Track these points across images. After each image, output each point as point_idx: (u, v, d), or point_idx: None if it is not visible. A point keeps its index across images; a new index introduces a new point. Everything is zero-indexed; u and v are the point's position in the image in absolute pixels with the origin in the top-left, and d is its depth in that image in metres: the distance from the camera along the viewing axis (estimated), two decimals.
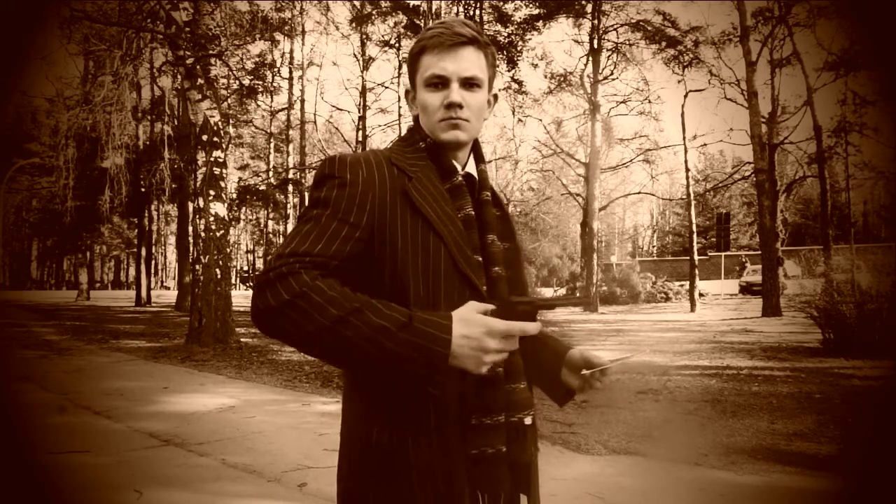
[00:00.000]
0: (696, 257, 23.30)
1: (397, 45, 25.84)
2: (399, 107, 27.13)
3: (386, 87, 28.74)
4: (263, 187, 32.30)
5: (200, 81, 11.60)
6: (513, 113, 25.31)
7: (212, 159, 11.51)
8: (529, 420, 1.17)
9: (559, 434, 4.88)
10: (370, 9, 24.28)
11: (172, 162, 23.41)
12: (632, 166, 27.47)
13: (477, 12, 22.05)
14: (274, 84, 30.33)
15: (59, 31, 15.24)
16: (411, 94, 1.26)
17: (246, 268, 59.66)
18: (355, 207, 1.10)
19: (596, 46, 22.72)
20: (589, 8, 22.77)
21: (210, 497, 3.66)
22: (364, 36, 26.54)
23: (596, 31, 22.66)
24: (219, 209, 11.49)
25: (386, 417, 1.09)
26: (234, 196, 30.91)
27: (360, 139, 28.35)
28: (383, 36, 25.97)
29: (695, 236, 23.54)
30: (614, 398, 6.21)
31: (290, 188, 31.23)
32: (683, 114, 23.00)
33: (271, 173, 34.37)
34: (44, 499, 3.65)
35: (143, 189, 27.37)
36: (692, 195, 23.84)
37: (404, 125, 24.57)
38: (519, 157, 29.52)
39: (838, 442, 4.66)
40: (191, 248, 13.77)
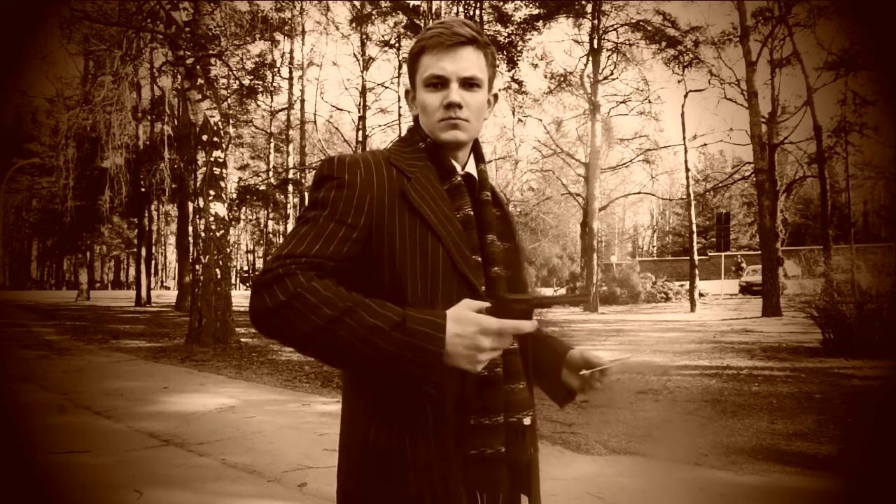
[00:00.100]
0: (696, 257, 23.30)
1: (397, 45, 25.83)
2: (399, 107, 27.12)
3: (386, 87, 28.75)
4: (263, 187, 32.29)
5: (200, 81, 11.61)
6: (513, 113, 25.31)
7: (212, 159, 11.52)
8: (529, 420, 1.17)
9: (559, 434, 4.88)
10: (370, 9, 24.27)
11: (172, 162, 23.41)
12: (632, 166, 27.49)
13: (477, 12, 22.03)
14: (274, 84, 30.34)
15: (59, 31, 15.24)
16: (411, 95, 1.25)
17: (246, 268, 59.69)
18: (353, 208, 1.10)
19: (596, 46, 22.70)
20: (589, 8, 22.75)
21: (210, 497, 3.66)
22: (364, 36, 26.53)
23: (596, 31, 22.65)
24: (219, 209, 11.50)
25: (383, 417, 1.09)
26: (234, 196, 30.90)
27: (360, 139, 28.34)
28: (383, 36, 25.99)
29: (695, 236, 23.54)
30: (614, 398, 6.21)
31: (290, 188, 31.21)
32: (683, 114, 23.03)
33: (271, 173, 34.36)
34: (44, 499, 3.65)
35: (143, 189, 27.38)
36: (692, 195, 23.84)
37: (404, 125, 24.56)
38: (519, 157, 29.53)
39: (838, 442, 4.66)
40: (191, 248, 13.77)
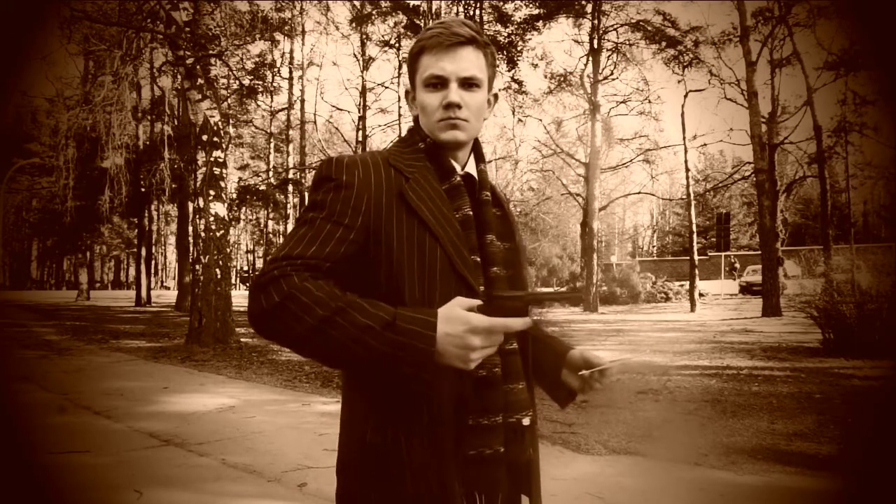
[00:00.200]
0: (696, 257, 23.30)
1: (397, 45, 25.82)
2: (399, 107, 27.12)
3: (386, 87, 28.74)
4: (263, 187, 32.28)
5: (200, 81, 11.61)
6: (513, 113, 25.29)
7: (212, 159, 11.52)
8: (528, 421, 1.17)
9: (559, 434, 4.88)
10: (370, 9, 24.26)
11: (172, 162, 23.42)
12: (632, 166, 27.47)
13: (477, 12, 22.03)
14: (274, 84, 30.34)
15: (59, 31, 15.25)
16: (411, 95, 1.25)
17: (246, 268, 59.68)
18: (350, 209, 1.10)
19: (596, 46, 22.70)
20: (589, 8, 22.74)
21: (210, 497, 3.66)
22: (364, 36, 26.53)
23: (596, 31, 22.64)
24: (219, 209, 11.50)
25: (381, 417, 1.09)
26: (234, 196, 30.89)
27: (360, 139, 28.33)
28: (383, 36, 25.97)
29: (695, 236, 23.54)
30: (614, 398, 6.21)
31: (290, 188, 31.21)
32: (683, 114, 23.03)
33: (271, 173, 34.36)
34: (44, 499, 3.65)
35: (143, 189, 27.38)
36: (692, 195, 23.84)
37: (404, 125, 24.60)
38: (519, 157, 29.52)
39: (838, 442, 4.66)
40: (191, 248, 13.78)
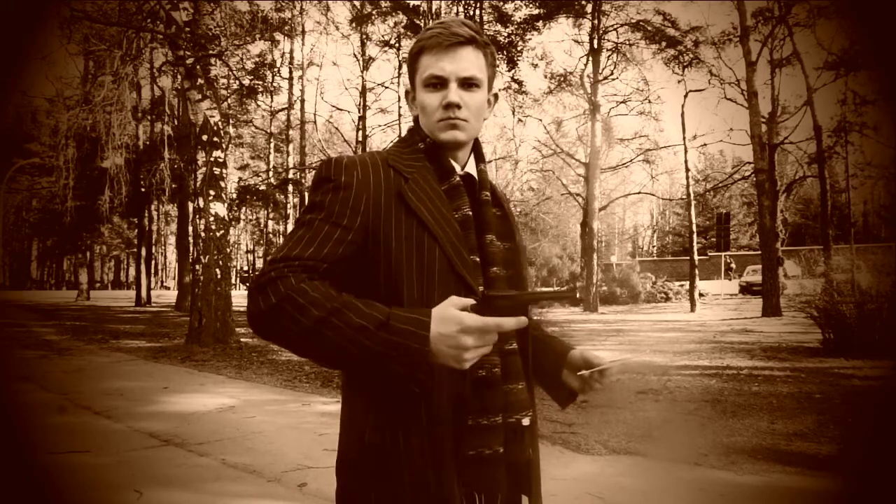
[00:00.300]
0: (696, 257, 23.30)
1: (397, 45, 25.81)
2: (399, 107, 27.11)
3: (386, 87, 28.71)
4: (263, 187, 32.27)
5: (200, 81, 11.61)
6: (513, 113, 25.27)
7: (212, 159, 11.52)
8: (528, 421, 1.17)
9: (559, 434, 4.88)
10: (370, 9, 24.25)
11: (172, 162, 23.42)
12: (632, 166, 27.47)
13: (477, 12, 22.01)
14: (274, 84, 30.33)
15: (59, 31, 15.25)
16: (411, 95, 1.25)
17: (246, 268, 59.67)
18: (349, 210, 1.10)
19: (596, 46, 22.70)
20: (589, 8, 22.74)
21: (210, 497, 3.66)
22: (364, 36, 26.51)
23: (596, 31, 22.64)
24: (219, 209, 11.50)
25: (380, 417, 1.09)
26: (234, 196, 30.88)
27: (360, 139, 28.32)
28: (383, 36, 25.95)
29: (695, 236, 23.53)
30: (614, 398, 6.21)
31: (290, 188, 31.20)
32: (683, 114, 23.02)
33: (271, 173, 34.35)
34: (44, 499, 3.65)
35: (143, 189, 27.38)
36: (692, 195, 23.84)
37: (404, 125, 24.59)
38: (519, 157, 29.48)
39: (838, 442, 4.66)
40: (191, 248, 13.78)
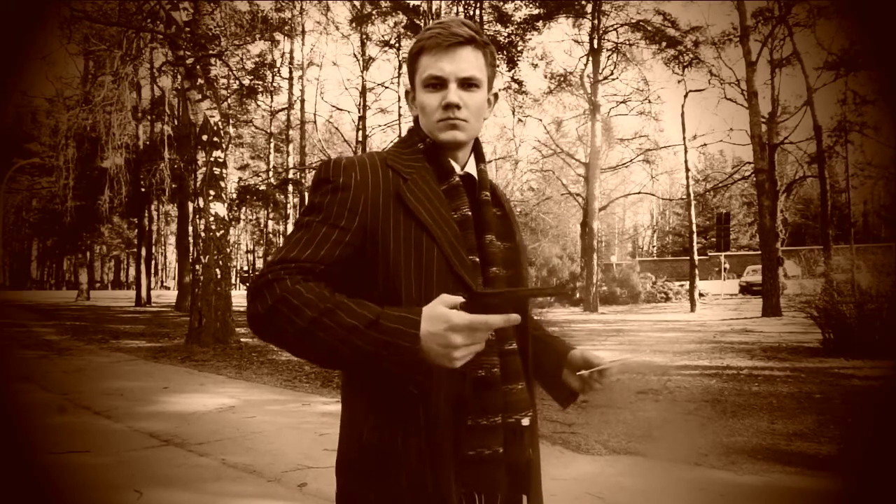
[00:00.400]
0: (696, 257, 23.30)
1: (397, 45, 25.81)
2: (399, 107, 27.11)
3: (386, 87, 28.73)
4: (263, 187, 32.29)
5: (200, 81, 11.61)
6: (513, 113, 25.27)
7: (212, 159, 11.52)
8: (527, 421, 1.17)
9: (559, 434, 4.87)
10: (370, 9, 24.25)
11: (172, 162, 23.42)
12: (632, 166, 27.49)
13: (477, 12, 22.01)
14: (274, 84, 30.35)
15: (59, 31, 15.25)
16: (411, 95, 1.25)
17: (246, 268, 59.68)
18: (347, 211, 1.10)
19: (596, 46, 22.70)
20: (589, 8, 22.74)
21: (210, 497, 3.66)
22: (364, 36, 26.52)
23: (596, 31, 22.65)
24: (219, 209, 11.50)
25: (378, 417, 1.09)
26: (234, 196, 30.90)
27: (360, 139, 28.33)
28: (383, 36, 25.96)
29: (695, 236, 23.54)
30: (614, 398, 6.21)
31: (290, 188, 31.22)
32: (683, 114, 23.03)
33: (271, 173, 34.37)
34: (44, 499, 3.65)
35: (143, 189, 27.39)
36: (692, 195, 23.84)
37: (404, 125, 24.59)
38: (519, 157, 29.47)
39: (838, 442, 4.66)
40: (191, 248, 13.78)
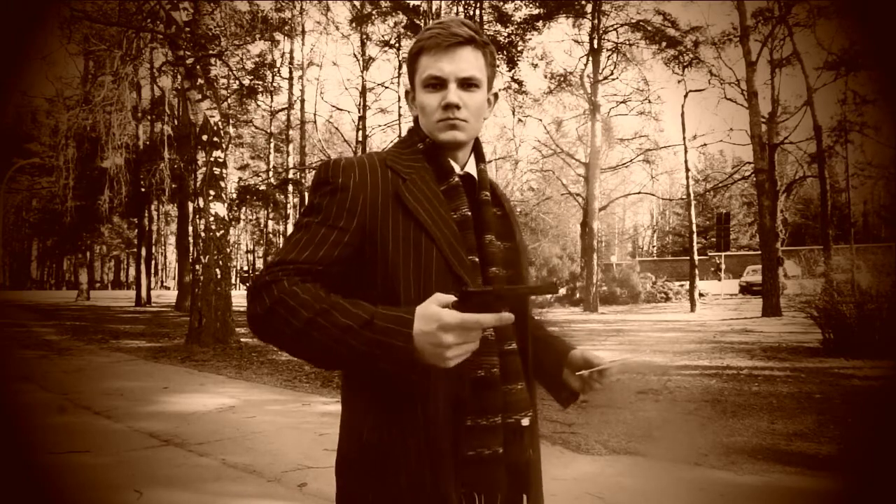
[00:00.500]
0: (696, 257, 23.30)
1: (397, 45, 25.81)
2: (399, 107, 27.11)
3: (386, 87, 28.72)
4: (263, 187, 32.29)
5: (200, 81, 11.61)
6: (513, 113, 25.26)
7: (212, 159, 11.52)
8: (527, 421, 1.17)
9: (559, 434, 4.87)
10: (370, 9, 24.25)
11: (172, 162, 23.42)
12: (632, 166, 27.49)
13: (477, 12, 22.01)
14: (274, 84, 30.35)
15: (59, 31, 15.25)
16: (411, 95, 1.25)
17: (246, 268, 59.69)
18: (345, 212, 1.11)
19: (596, 46, 22.69)
20: (589, 8, 22.74)
21: (210, 497, 3.66)
22: (364, 36, 26.51)
23: (596, 31, 22.64)
24: (219, 209, 11.50)
25: (377, 417, 1.09)
26: (234, 196, 30.89)
27: (360, 139, 28.33)
28: (383, 36, 25.96)
29: (695, 236, 23.54)
30: (614, 398, 6.21)
31: (290, 188, 31.22)
32: (683, 114, 23.02)
33: (271, 173, 34.36)
34: (44, 499, 3.65)
35: (143, 189, 27.39)
36: (692, 195, 23.84)
37: (404, 125, 24.59)
38: (519, 157, 29.47)
39: (838, 442, 4.66)
40: (191, 248, 13.78)
